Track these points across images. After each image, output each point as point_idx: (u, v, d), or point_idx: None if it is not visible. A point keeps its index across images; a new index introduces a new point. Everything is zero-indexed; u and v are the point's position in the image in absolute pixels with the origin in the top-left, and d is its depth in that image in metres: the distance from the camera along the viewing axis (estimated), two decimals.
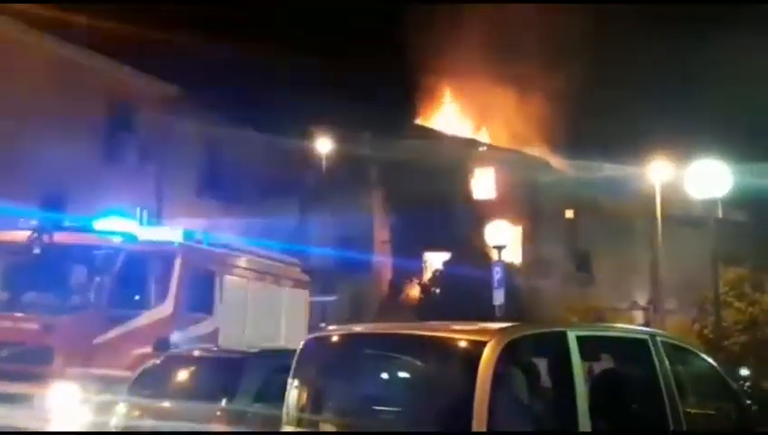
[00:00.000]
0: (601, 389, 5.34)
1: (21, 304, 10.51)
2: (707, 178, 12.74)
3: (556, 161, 37.85)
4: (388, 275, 35.15)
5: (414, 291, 33.66)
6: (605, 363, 5.96)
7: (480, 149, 40.37)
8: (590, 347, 5.36)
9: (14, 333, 10.19)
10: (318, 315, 20.54)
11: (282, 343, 12.59)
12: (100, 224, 11.26)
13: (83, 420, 9.68)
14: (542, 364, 5.36)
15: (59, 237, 10.50)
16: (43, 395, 9.82)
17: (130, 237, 11.04)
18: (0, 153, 18.90)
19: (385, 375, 5.67)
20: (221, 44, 28.44)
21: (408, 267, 34.61)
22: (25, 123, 19.45)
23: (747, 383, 20.76)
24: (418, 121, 43.77)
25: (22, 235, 10.57)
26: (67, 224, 11.41)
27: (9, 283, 10.97)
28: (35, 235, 10.41)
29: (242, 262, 13.03)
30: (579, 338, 5.14)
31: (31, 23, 20.44)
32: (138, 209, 23.99)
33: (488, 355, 4.63)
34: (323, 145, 28.42)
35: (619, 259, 33.23)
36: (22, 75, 19.69)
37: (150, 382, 8.73)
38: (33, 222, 11.03)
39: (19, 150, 19.30)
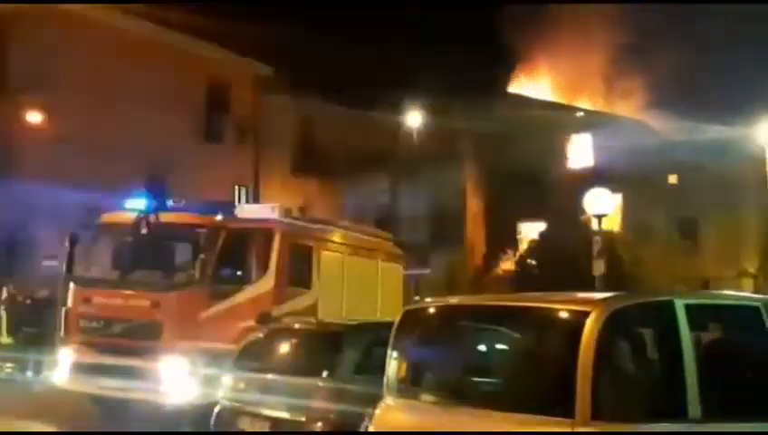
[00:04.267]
0: (711, 359, 5.11)
1: (130, 283, 10.95)
2: None
3: (657, 125, 36.40)
4: (481, 247, 34.86)
5: (508, 263, 33.28)
6: (714, 333, 5.71)
7: (576, 114, 39.28)
8: (699, 316, 5.14)
9: (124, 310, 10.68)
10: (411, 289, 20.63)
11: (378, 315, 12.71)
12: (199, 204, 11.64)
13: (191, 392, 10.10)
14: (647, 335, 5.17)
15: (164, 218, 10.87)
16: (153, 369, 10.26)
17: (231, 216, 11.34)
18: (107, 136, 19.79)
19: (484, 347, 5.63)
20: (311, 21, 28.68)
21: (502, 239, 34.22)
22: (130, 107, 20.29)
23: None
24: (512, 89, 42.93)
25: (129, 217, 11.00)
26: (171, 204, 11.80)
27: (119, 262, 11.48)
28: (142, 216, 10.82)
29: (337, 237, 13.21)
30: (687, 307, 4.94)
31: (133, 12, 21.30)
32: (237, 188, 24.84)
33: (591, 326, 4.50)
34: (414, 118, 28.33)
35: (727, 225, 31.73)
36: (125, 61, 20.52)
37: (254, 356, 8.99)
38: (140, 204, 11.46)
39: (123, 133, 20.17)
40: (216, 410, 8.50)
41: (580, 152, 35.90)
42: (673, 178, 34.50)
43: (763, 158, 24.39)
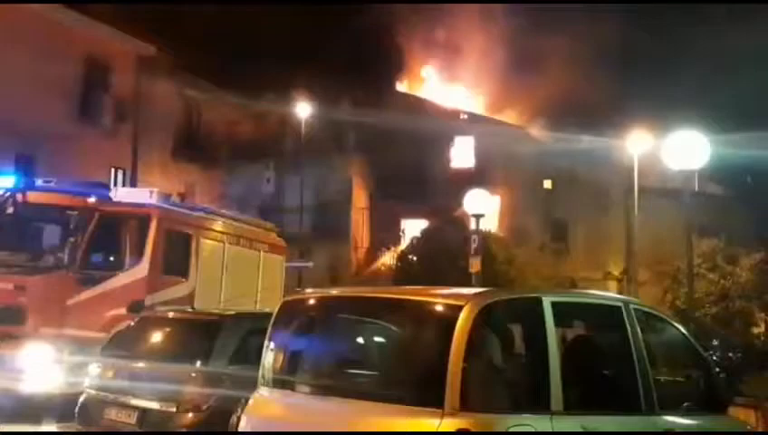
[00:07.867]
0: (574, 355, 5.38)
1: None
2: (685, 150, 12.78)
3: (536, 132, 37.88)
4: (365, 242, 35.16)
5: (391, 258, 33.73)
6: (579, 329, 6.01)
7: (461, 117, 40.26)
8: (565, 313, 5.38)
9: None
10: (294, 281, 20.55)
11: (257, 307, 12.58)
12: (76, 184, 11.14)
13: (55, 381, 9.66)
14: (516, 330, 5.38)
15: (33, 197, 10.36)
16: (15, 355, 9.75)
17: (105, 198, 10.91)
18: None
19: (360, 338, 5.68)
20: (200, 3, 27.98)
21: (385, 235, 34.64)
22: None
23: (717, 354, 21.12)
24: (401, 88, 43.47)
25: None
26: (41, 184, 11.23)
27: None
28: (8, 194, 10.26)
29: (218, 225, 12.95)
30: (553, 304, 5.16)
31: None
32: (113, 170, 23.88)
33: (464, 319, 4.63)
34: (303, 110, 28.13)
35: (595, 230, 33.50)
36: None
37: (124, 344, 8.69)
38: (7, 181, 10.85)
39: None
40: (81, 399, 8.17)
41: (462, 154, 36.84)
42: (548, 184, 36.03)
43: (630, 167, 25.83)
